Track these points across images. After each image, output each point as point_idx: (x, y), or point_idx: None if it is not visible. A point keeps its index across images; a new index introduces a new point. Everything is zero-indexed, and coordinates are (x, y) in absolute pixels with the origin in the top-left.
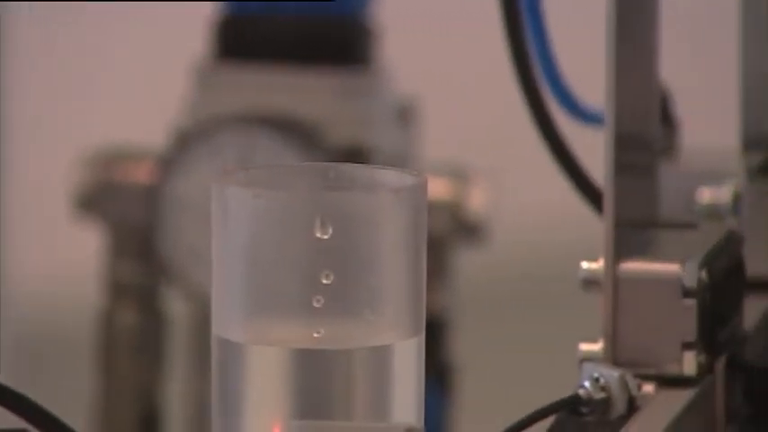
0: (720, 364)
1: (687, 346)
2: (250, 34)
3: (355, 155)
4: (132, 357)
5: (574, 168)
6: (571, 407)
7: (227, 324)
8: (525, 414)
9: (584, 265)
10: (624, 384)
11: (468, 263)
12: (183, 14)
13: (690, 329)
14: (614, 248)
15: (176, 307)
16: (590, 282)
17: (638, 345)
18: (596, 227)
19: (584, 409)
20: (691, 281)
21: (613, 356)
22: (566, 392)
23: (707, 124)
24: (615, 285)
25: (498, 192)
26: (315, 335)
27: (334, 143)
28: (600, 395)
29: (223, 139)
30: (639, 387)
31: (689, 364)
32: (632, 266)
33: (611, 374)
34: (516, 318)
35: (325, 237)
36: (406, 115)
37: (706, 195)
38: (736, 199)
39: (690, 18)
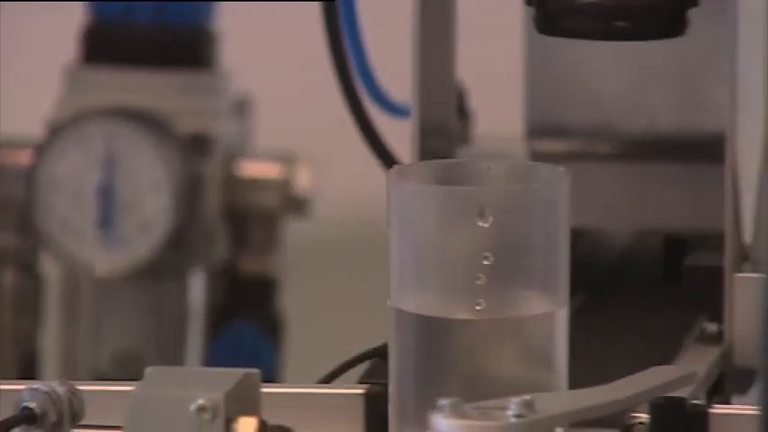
0: None
1: None
2: (111, 40)
3: (200, 142)
4: (14, 311)
5: (384, 153)
6: (383, 354)
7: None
8: (344, 360)
9: None
10: None
11: (296, 232)
12: (57, 23)
13: None
14: None
15: (50, 269)
16: None
17: None
18: None
19: None
20: None
21: None
22: (378, 342)
23: (496, 115)
24: None
25: (321, 173)
26: (477, 308)
27: (183, 132)
28: None
29: (89, 130)
30: None
31: None
32: None
33: None
34: (337, 278)
35: (486, 225)
36: (242, 108)
37: None
38: None
39: (479, 21)
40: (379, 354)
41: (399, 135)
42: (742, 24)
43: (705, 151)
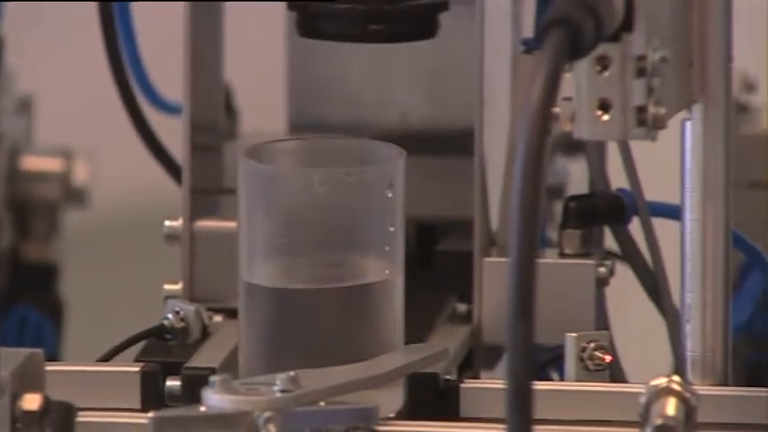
0: None
1: None
2: None
3: None
4: None
5: (158, 148)
6: (158, 334)
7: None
8: (121, 340)
9: (167, 223)
10: (199, 316)
11: (75, 221)
12: None
13: None
14: (190, 210)
15: None
16: (172, 236)
17: (210, 285)
18: (177, 193)
19: (168, 336)
20: None
21: (190, 294)
22: (152, 323)
23: (260, 112)
24: (192, 239)
25: (99, 166)
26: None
27: None
28: (180, 324)
29: None
30: (211, 318)
31: None
32: (204, 224)
33: (188, 308)
34: (116, 265)
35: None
36: (26, 106)
37: None
38: None
39: (244, 25)
40: (154, 334)
41: (172, 131)
42: (488, 27)
43: (454, 145)
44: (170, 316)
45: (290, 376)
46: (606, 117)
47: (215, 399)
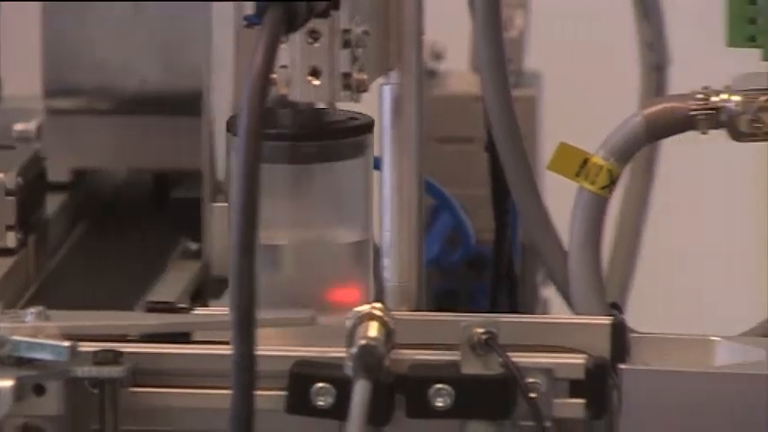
0: (31, 240)
1: (9, 227)
2: None
3: None
4: None
5: None
6: None
7: None
8: None
9: None
10: None
11: None
12: None
13: (11, 217)
14: None
15: None
16: None
17: None
18: None
19: None
20: (11, 184)
21: None
22: None
23: (19, 78)
24: None
25: None
26: None
27: None
28: None
29: None
30: None
31: (10, 239)
32: None
33: None
34: None
35: None
36: None
37: (19, 127)
38: (40, 129)
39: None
40: None
41: None
42: (215, 4)
43: (187, 105)
44: None
45: (40, 310)
46: (317, 82)
47: None
